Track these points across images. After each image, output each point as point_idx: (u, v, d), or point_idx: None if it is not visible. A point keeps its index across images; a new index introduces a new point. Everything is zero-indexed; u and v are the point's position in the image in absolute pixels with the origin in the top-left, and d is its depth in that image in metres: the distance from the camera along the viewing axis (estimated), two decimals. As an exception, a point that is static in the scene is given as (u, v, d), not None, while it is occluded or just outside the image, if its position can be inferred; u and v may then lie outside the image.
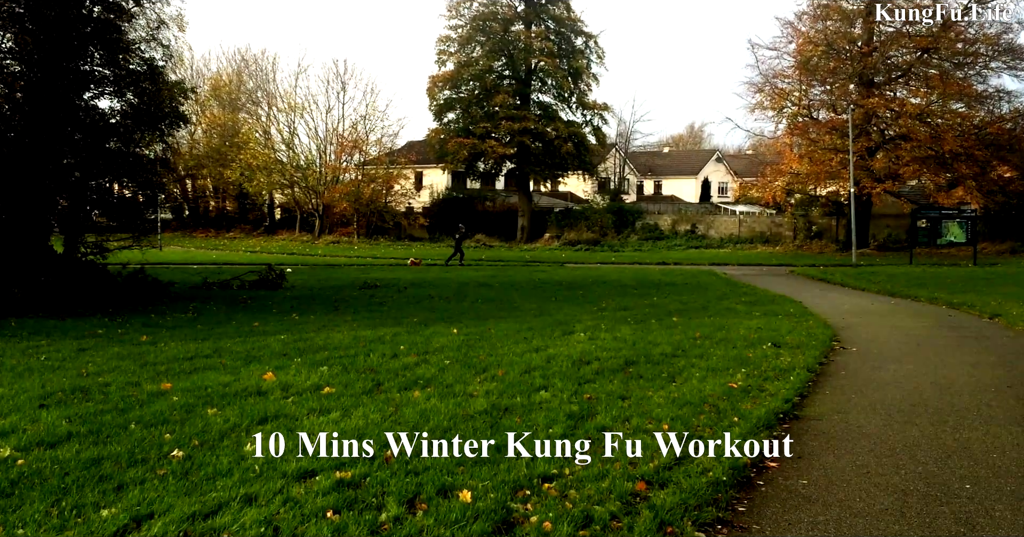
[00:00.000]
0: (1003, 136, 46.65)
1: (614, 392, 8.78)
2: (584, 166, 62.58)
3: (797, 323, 15.51)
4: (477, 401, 8.18)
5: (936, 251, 45.23)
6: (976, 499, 5.86)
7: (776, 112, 52.13)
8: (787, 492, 6.02)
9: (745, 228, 58.85)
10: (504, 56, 59.95)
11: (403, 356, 10.93)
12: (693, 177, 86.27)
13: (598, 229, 60.13)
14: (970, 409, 8.64)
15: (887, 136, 49.13)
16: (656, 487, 5.82)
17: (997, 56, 47.08)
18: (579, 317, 16.10)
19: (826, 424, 7.99)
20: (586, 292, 22.62)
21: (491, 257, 46.70)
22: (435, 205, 66.19)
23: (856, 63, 47.64)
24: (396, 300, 19.92)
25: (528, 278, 28.60)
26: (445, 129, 60.43)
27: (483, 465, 6.14)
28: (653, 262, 43.46)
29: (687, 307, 18.59)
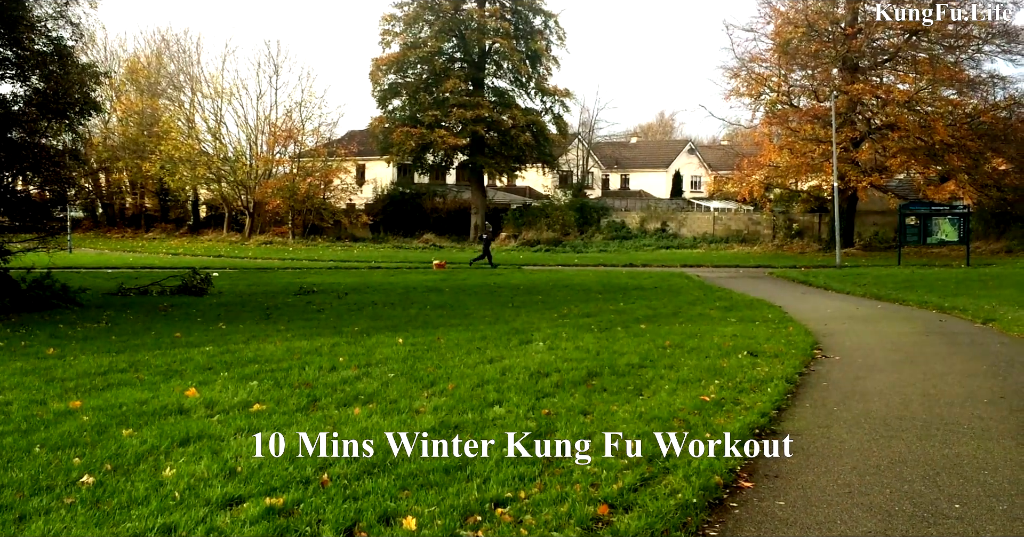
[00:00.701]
0: (997, 125, 47.45)
1: (575, 407, 8.80)
2: (544, 158, 62.77)
3: (776, 330, 15.65)
4: (424, 418, 8.17)
5: (926, 250, 45.92)
6: (966, 520, 5.96)
7: (753, 99, 52.64)
8: (762, 514, 6.07)
9: (720, 226, 59.37)
10: (455, 37, 59.99)
11: (342, 369, 10.88)
12: (663, 170, 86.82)
13: (559, 228, 60.33)
14: (961, 422, 8.78)
15: (873, 125, 49.75)
16: (620, 511, 5.83)
17: (990, 39, 47.90)
18: (538, 325, 16.13)
19: (805, 439, 8.07)
20: (546, 297, 22.68)
21: (442, 259, 46.65)
22: (379, 202, 66.06)
23: (839, 46, 48.18)
24: (336, 307, 19.83)
25: (482, 282, 28.63)
26: (390, 117, 60.33)
27: (430, 488, 6.12)
28: (620, 264, 43.71)
29: (656, 313, 18.70)
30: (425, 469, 6.52)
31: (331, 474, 6.38)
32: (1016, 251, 47.92)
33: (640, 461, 6.87)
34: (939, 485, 6.70)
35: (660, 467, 6.76)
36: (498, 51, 60.46)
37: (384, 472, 6.47)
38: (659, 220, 61.59)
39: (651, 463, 6.85)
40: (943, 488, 6.63)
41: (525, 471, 6.55)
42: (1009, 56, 48.93)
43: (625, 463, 6.80)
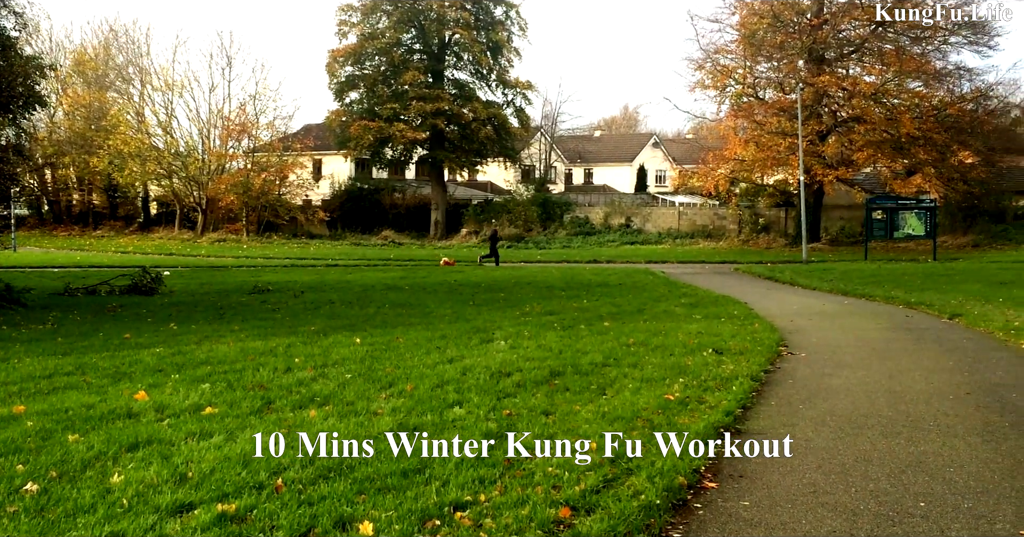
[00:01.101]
0: (964, 118, 48.05)
1: (537, 407, 8.82)
2: (506, 152, 62.74)
3: (741, 327, 15.77)
4: (382, 420, 8.15)
5: (893, 245, 46.45)
6: (931, 518, 6.03)
7: (718, 91, 52.88)
8: (726, 515, 6.11)
9: (685, 221, 59.63)
10: (414, 28, 59.80)
11: (298, 370, 10.84)
12: (628, 164, 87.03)
13: (522, 223, 60.37)
14: (926, 419, 8.89)
15: (839, 118, 50.19)
16: (582, 513, 5.85)
17: (957, 30, 48.43)
18: (499, 323, 16.15)
19: (771, 438, 8.14)
20: (508, 295, 22.70)
21: (400, 256, 46.63)
22: (336, 197, 65.76)
23: (805, 37, 48.52)
24: (291, 306, 19.75)
25: (442, 279, 28.62)
26: (347, 111, 60.08)
27: (388, 492, 6.12)
28: (583, 260, 43.85)
29: (621, 310, 18.78)
30: (383, 473, 6.51)
31: (285, 479, 6.35)
32: (983, 245, 48.53)
33: (603, 462, 6.89)
34: (904, 483, 6.78)
35: (623, 468, 6.79)
36: (458, 42, 60.33)
37: (340, 476, 6.45)
38: (623, 215, 61.75)
39: (614, 464, 6.87)
40: (908, 486, 6.71)
41: (485, 473, 6.55)
42: (975, 48, 49.56)
43: (588, 464, 6.82)
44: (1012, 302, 19.91)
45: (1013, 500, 6.39)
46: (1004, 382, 10.91)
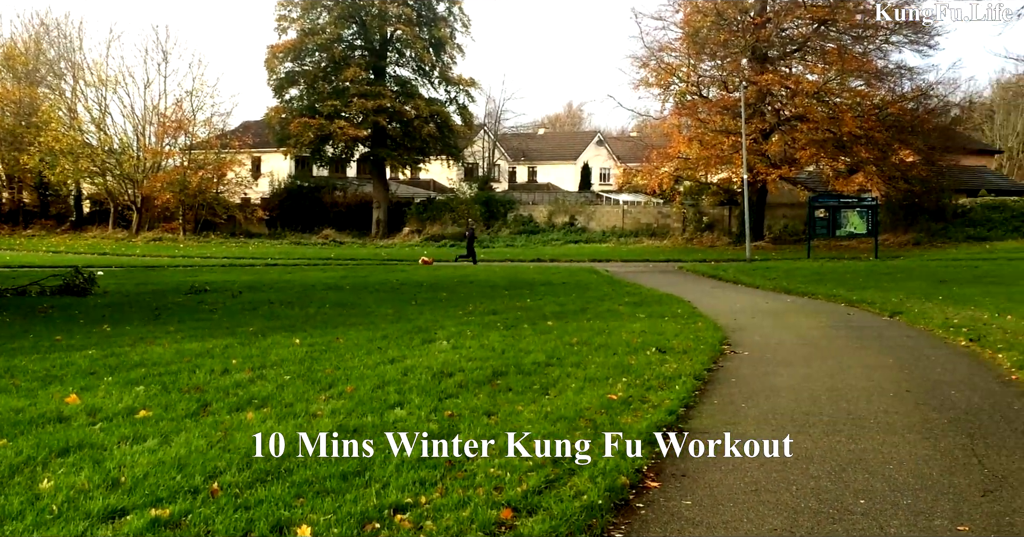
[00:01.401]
0: (905, 117, 48.81)
1: (479, 408, 8.82)
2: (448, 150, 62.70)
3: (685, 325, 15.90)
4: (321, 422, 8.10)
5: (835, 243, 47.10)
6: (871, 515, 6.13)
7: (662, 89, 53.17)
8: (669, 515, 6.16)
9: (630, 220, 59.94)
10: (355, 23, 59.51)
11: (235, 372, 10.74)
12: (572, 162, 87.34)
13: (465, 222, 60.29)
14: (867, 417, 9.03)
15: (782, 117, 50.73)
16: (524, 514, 5.87)
17: (898, 29, 49.19)
18: (442, 323, 16.13)
19: (713, 437, 8.22)
20: (450, 294, 22.67)
21: (341, 255, 46.41)
22: (276, 196, 65.23)
23: (749, 35, 48.98)
24: (229, 307, 19.55)
25: (384, 279, 28.51)
26: (287, 107, 59.64)
27: (326, 496, 6.08)
28: (527, 259, 43.97)
29: (564, 310, 18.83)
30: (321, 475, 6.47)
31: (221, 483, 6.29)
32: (923, 243, 49.39)
33: (545, 462, 6.91)
34: (845, 481, 6.88)
35: (566, 468, 6.81)
36: (400, 38, 60.09)
37: (278, 479, 6.41)
38: (567, 214, 61.92)
39: (556, 464, 6.89)
40: (849, 484, 6.81)
41: (426, 475, 6.54)
42: (916, 47, 50.40)
43: (530, 465, 6.83)
44: (951, 300, 20.28)
45: (951, 496, 6.51)
46: (943, 379, 11.11)
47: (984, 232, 51.49)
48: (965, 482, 6.85)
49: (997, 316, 17.03)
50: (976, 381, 10.99)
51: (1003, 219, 52.59)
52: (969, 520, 6.03)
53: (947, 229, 51.71)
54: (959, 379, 11.12)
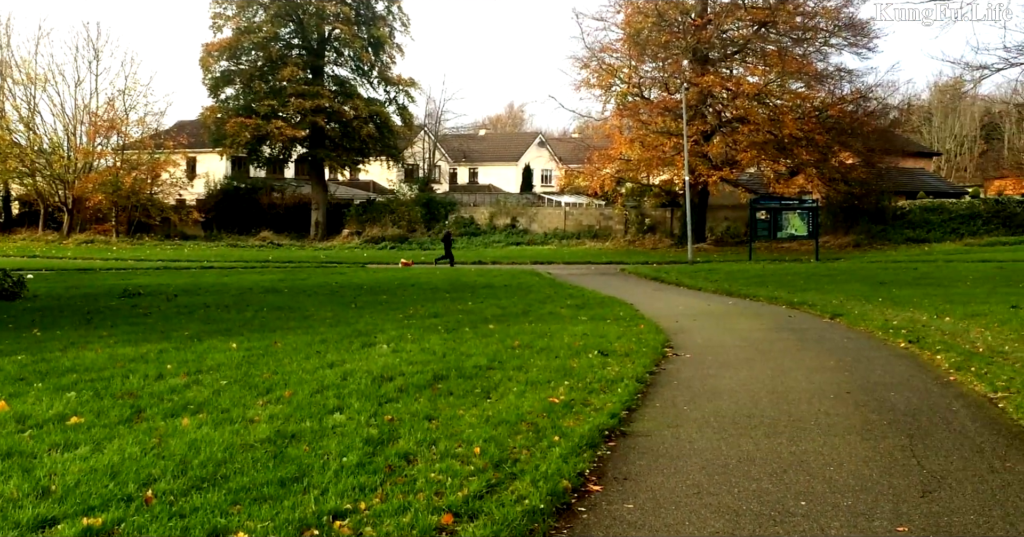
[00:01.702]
0: (844, 119, 49.50)
1: (420, 412, 8.81)
2: (388, 151, 62.46)
3: (627, 328, 15.98)
4: (259, 427, 8.04)
5: (777, 245, 47.63)
6: (811, 517, 6.21)
7: (604, 90, 53.48)
8: (611, 518, 6.19)
9: (572, 221, 60.13)
10: (292, 22, 59.11)
11: (170, 377, 10.62)
12: (513, 164, 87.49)
13: (405, 224, 60.14)
14: (808, 418, 9.14)
15: (724, 118, 51.21)
16: (465, 519, 5.87)
17: (837, 32, 49.99)
18: (382, 326, 16.07)
19: (655, 440, 8.27)
20: (391, 297, 22.60)
21: (279, 258, 46.08)
22: (212, 197, 64.56)
23: (690, 37, 49.36)
24: (164, 310, 19.32)
25: (323, 282, 28.35)
26: (223, 107, 59.03)
27: (264, 502, 6.03)
28: (468, 261, 43.96)
29: (506, 312, 18.85)
30: (259, 482, 6.42)
31: (156, 490, 6.22)
32: (864, 245, 50.12)
33: (487, 467, 6.92)
34: (786, 483, 6.96)
35: (507, 473, 6.82)
36: (339, 37, 59.78)
37: (214, 486, 6.35)
38: (509, 216, 61.98)
39: (498, 469, 6.90)
40: (790, 486, 6.89)
41: (366, 481, 6.52)
42: (855, 49, 51.17)
43: (471, 469, 6.84)
44: (891, 302, 20.60)
45: (890, 497, 6.62)
46: (883, 381, 11.28)
47: (923, 234, 52.40)
48: (904, 483, 6.97)
49: (935, 318, 17.32)
50: (915, 382, 11.18)
51: (941, 221, 53.56)
52: (908, 521, 6.13)
53: (887, 231, 52.56)
54: (898, 380, 11.30)
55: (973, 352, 13.03)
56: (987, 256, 42.06)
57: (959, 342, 14.05)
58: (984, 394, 10.32)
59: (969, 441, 8.26)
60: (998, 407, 9.68)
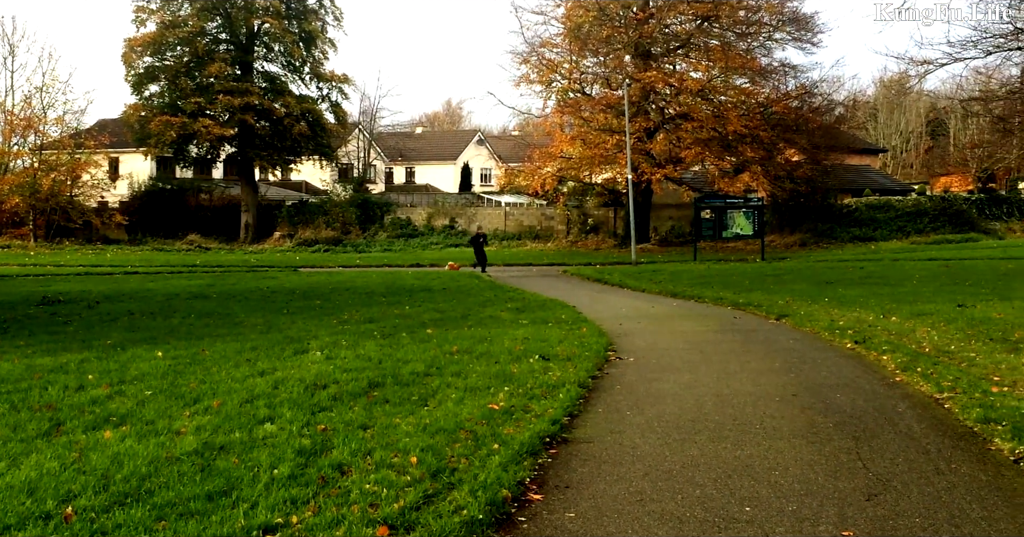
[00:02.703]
0: (789, 115, 50.06)
1: (354, 421, 8.79)
2: (321, 150, 62.05)
3: (569, 331, 16.04)
4: (185, 439, 7.97)
5: (722, 245, 48.03)
6: (756, 522, 6.28)
7: (544, 86, 53.46)
8: (552, 528, 6.22)
9: (512, 222, 60.19)
10: (219, 16, 58.55)
11: (92, 388, 10.48)
12: (452, 162, 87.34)
13: (340, 225, 59.79)
14: (753, 422, 9.24)
15: (667, 115, 51.45)
16: (401, 531, 5.87)
17: (781, 26, 50.53)
18: (315, 332, 15.99)
19: (598, 447, 8.32)
20: (325, 302, 22.48)
21: (208, 262, 45.56)
22: (136, 199, 63.67)
23: (632, 31, 49.55)
24: (86, 318, 19.05)
25: (254, 286, 28.10)
26: (147, 105, 58.23)
27: (191, 518, 5.99)
28: (406, 264, 43.82)
29: (444, 316, 18.84)
30: (185, 496, 6.37)
31: (76, 507, 6.14)
32: (809, 244, 50.76)
33: (424, 477, 6.92)
34: (731, 488, 7.04)
35: (445, 483, 6.84)
36: (268, 32, 59.30)
37: (138, 502, 6.28)
38: (447, 216, 61.88)
39: (435, 479, 6.91)
40: (735, 491, 6.97)
41: (298, 493, 6.49)
42: (799, 44, 51.75)
43: (407, 480, 6.84)
44: (837, 302, 20.88)
45: (836, 501, 6.72)
46: (828, 382, 11.45)
47: (869, 232, 53.21)
48: (850, 486, 7.08)
49: (882, 317, 17.60)
50: (861, 384, 11.35)
51: (887, 219, 54.41)
52: (854, 525, 6.23)
53: (833, 229, 53.29)
54: (844, 382, 11.47)
55: (919, 352, 13.27)
56: (933, 254, 42.82)
57: (905, 342, 14.30)
58: (930, 395, 10.51)
59: (915, 443, 8.41)
60: (944, 408, 9.87)
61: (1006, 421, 8.78)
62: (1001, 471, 7.51)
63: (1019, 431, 8.38)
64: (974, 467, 7.62)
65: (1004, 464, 7.73)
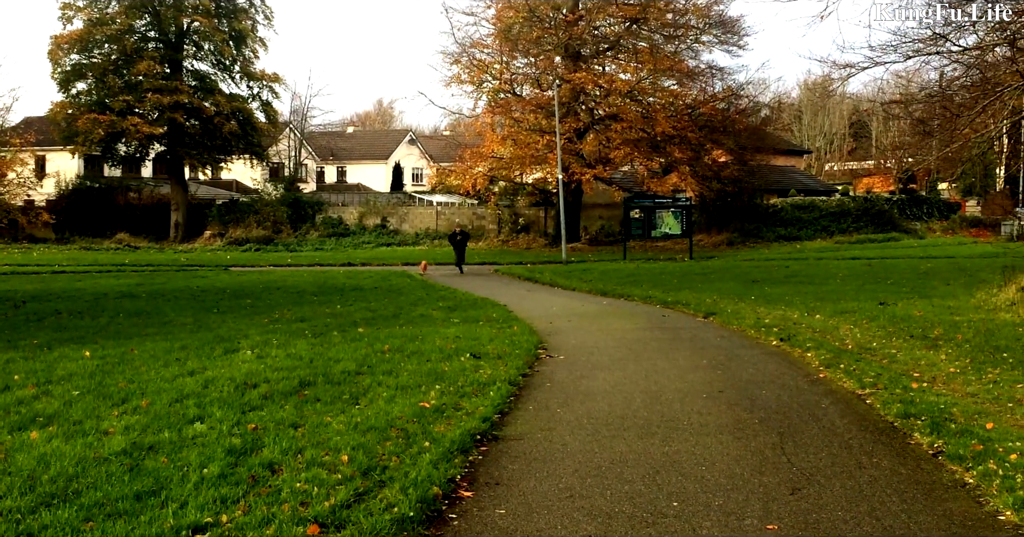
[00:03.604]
0: (716, 117, 50.60)
1: (285, 420, 8.72)
2: (252, 149, 61.44)
3: (500, 330, 16.06)
4: (114, 439, 7.86)
5: (651, 244, 48.36)
6: (683, 517, 6.35)
7: (475, 87, 53.52)
8: (482, 525, 6.23)
9: (444, 221, 60.09)
10: (148, 14, 57.66)
11: (17, 388, 10.28)
12: (383, 162, 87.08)
13: (271, 225, 59.27)
14: (680, 419, 9.33)
15: (597, 116, 51.71)
16: (332, 530, 5.84)
17: (708, 29, 51.05)
18: (246, 331, 15.83)
19: (528, 444, 8.35)
20: (255, 301, 22.28)
21: (137, 261, 44.88)
22: (63, 198, 62.51)
23: (561, 33, 49.72)
24: (11, 318, 18.68)
25: (184, 286, 27.76)
26: (74, 103, 57.19)
27: (119, 518, 5.91)
28: (337, 263, 43.56)
29: (376, 315, 18.77)
30: (113, 497, 6.28)
31: (2, 508, 6.03)
32: (737, 243, 51.37)
33: (355, 475, 6.90)
34: (659, 484, 7.10)
35: (376, 480, 6.82)
36: (198, 30, 58.55)
37: (65, 502, 6.18)
38: (379, 215, 61.62)
39: (366, 477, 6.88)
40: (662, 487, 7.03)
41: (228, 492, 6.43)
42: (726, 47, 52.35)
43: (338, 478, 6.81)
44: (763, 300, 21.16)
45: (761, 495, 6.81)
46: (754, 379, 11.59)
47: (794, 231, 54.02)
48: (775, 481, 7.18)
49: (806, 315, 17.88)
50: (786, 380, 11.51)
51: (812, 219, 55.29)
52: (778, 519, 6.32)
53: (759, 229, 54.00)
54: (770, 379, 11.62)
55: (842, 349, 13.50)
56: (856, 253, 43.58)
57: (829, 339, 14.54)
58: (852, 391, 10.70)
59: (838, 438, 8.54)
60: (866, 403, 10.05)
61: (925, 416, 8.95)
62: (920, 465, 7.66)
63: (937, 426, 8.55)
64: (895, 461, 7.77)
65: (923, 458, 7.89)
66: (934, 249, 44.96)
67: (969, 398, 9.99)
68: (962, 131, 22.72)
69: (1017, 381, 10.77)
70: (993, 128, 25.06)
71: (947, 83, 23.75)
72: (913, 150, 66.90)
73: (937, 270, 30.14)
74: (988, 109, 21.87)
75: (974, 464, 7.41)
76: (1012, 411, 9.36)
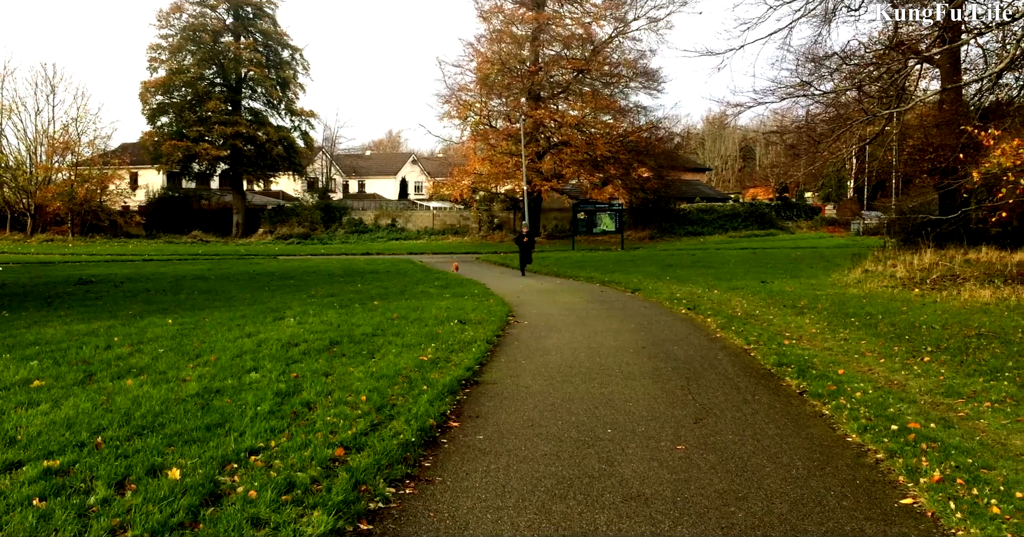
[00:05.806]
0: (641, 143, 50.62)
1: (319, 370, 8.69)
2: (294, 167, 60.98)
3: (480, 302, 16.05)
4: (189, 385, 7.81)
5: (593, 238, 48.35)
6: (615, 440, 6.39)
7: (462, 120, 53.34)
8: (466, 447, 6.25)
9: (438, 221, 59.94)
10: (215, 65, 57.03)
11: (117, 347, 10.19)
12: (393, 177, 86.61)
13: (308, 224, 58.93)
14: (614, 368, 9.37)
15: (552, 142, 51.61)
16: (354, 451, 5.84)
17: (635, 77, 51.00)
18: (290, 304, 15.74)
19: (500, 387, 8.36)
20: (297, 281, 22.14)
21: (207, 252, 44.50)
22: (151, 204, 61.88)
23: (526, 80, 49.63)
24: (112, 295, 18.46)
25: (243, 270, 27.56)
26: (159, 132, 56.58)
27: (193, 444, 5.88)
28: (358, 253, 43.32)
29: (387, 292, 18.69)
30: (189, 428, 6.25)
31: (105, 437, 5.99)
32: (657, 238, 51.53)
33: (371, 411, 6.89)
34: (597, 416, 7.13)
35: (386, 415, 6.81)
36: (253, 78, 57.96)
37: (153, 432, 6.15)
38: (390, 217, 61.35)
39: (380, 412, 6.88)
40: (600, 418, 7.06)
41: (276, 424, 6.42)
42: (648, 91, 52.27)
43: (358, 413, 6.80)
44: (675, 279, 21.23)
45: (672, 424, 6.86)
46: (668, 338, 11.64)
47: (699, 229, 54.24)
48: (683, 413, 7.22)
49: (707, 291, 17.96)
50: (692, 339, 11.57)
51: (712, 219, 55.56)
52: (685, 441, 6.37)
53: (673, 227, 54.21)
54: (680, 337, 11.68)
55: (734, 316, 13.57)
56: (745, 245, 43.73)
57: (724, 309, 14.61)
58: (741, 346, 10.77)
59: (729, 381, 8.61)
60: (750, 355, 10.12)
61: (793, 365, 9.03)
62: (790, 401, 7.74)
63: (802, 372, 8.63)
64: (771, 398, 7.84)
65: (792, 396, 7.96)
66: (802, 242, 45.21)
67: (826, 351, 10.08)
68: (822, 154, 22.86)
69: (861, 339, 10.89)
70: (845, 151, 25.21)
71: (811, 118, 23.89)
72: (786, 168, 67.32)
73: (803, 257, 30.32)
74: (841, 137, 22.00)
75: (829, 400, 7.49)
76: (857, 361, 9.46)
